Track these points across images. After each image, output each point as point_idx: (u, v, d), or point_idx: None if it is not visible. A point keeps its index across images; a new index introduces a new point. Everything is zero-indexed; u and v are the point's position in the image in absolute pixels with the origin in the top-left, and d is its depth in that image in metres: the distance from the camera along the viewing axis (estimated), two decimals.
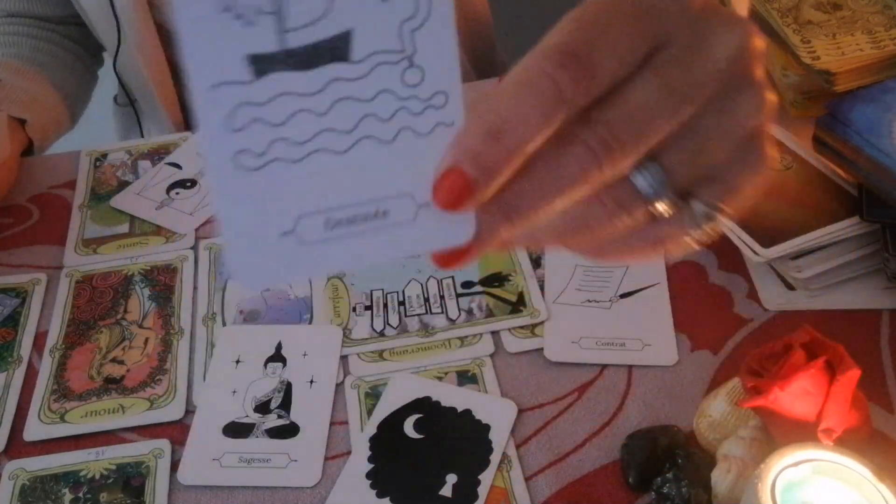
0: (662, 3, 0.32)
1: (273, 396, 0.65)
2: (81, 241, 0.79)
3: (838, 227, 0.66)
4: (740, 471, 0.53)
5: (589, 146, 0.31)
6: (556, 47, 0.30)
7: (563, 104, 0.30)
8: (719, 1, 0.36)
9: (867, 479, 0.48)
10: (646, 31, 0.32)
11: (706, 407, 0.59)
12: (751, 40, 0.33)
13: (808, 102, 0.82)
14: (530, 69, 0.30)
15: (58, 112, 0.95)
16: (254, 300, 0.72)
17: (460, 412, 0.62)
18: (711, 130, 0.33)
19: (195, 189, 0.83)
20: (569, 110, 0.30)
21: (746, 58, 0.33)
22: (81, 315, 0.72)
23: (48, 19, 0.99)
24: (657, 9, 0.32)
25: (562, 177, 0.31)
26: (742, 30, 0.33)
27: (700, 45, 0.32)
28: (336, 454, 0.61)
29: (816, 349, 0.54)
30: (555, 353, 0.66)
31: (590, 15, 0.31)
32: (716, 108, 0.33)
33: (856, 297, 0.67)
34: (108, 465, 0.62)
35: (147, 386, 0.66)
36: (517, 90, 0.30)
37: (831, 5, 0.83)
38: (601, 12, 0.31)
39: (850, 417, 0.53)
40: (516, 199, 0.31)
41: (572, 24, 0.31)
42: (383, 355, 0.67)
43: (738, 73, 0.33)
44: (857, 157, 0.67)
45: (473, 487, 0.58)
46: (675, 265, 0.71)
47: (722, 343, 0.66)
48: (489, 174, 0.29)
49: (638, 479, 0.57)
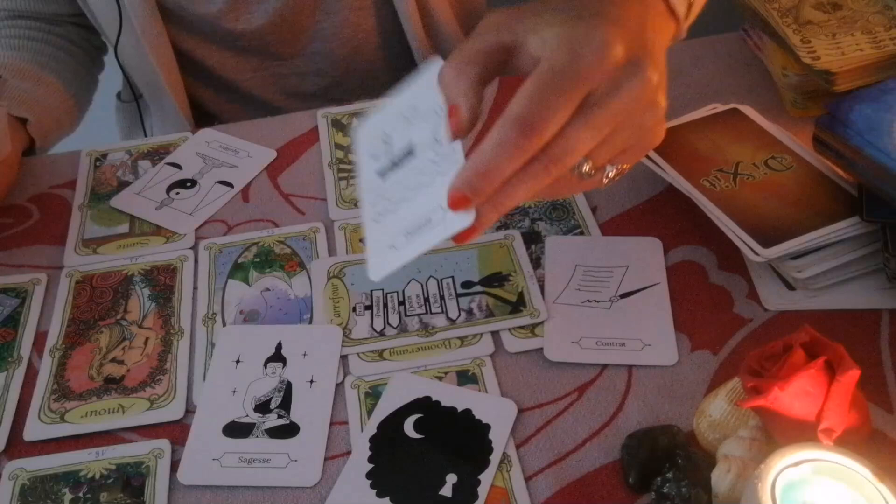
0: (592, 74, 0.49)
1: (273, 396, 0.65)
2: (81, 241, 0.79)
3: (838, 227, 0.66)
4: (740, 471, 0.53)
5: (542, 164, 0.50)
6: (517, 119, 0.49)
7: (524, 154, 0.50)
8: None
9: (867, 479, 0.48)
10: (578, 96, 0.50)
11: (706, 407, 0.59)
12: (651, 77, 0.51)
13: (808, 102, 0.82)
14: (502, 135, 0.49)
15: (59, 113, 0.95)
16: (254, 300, 0.72)
17: (460, 412, 0.62)
18: (623, 140, 0.53)
19: (195, 189, 0.83)
20: (527, 156, 0.50)
21: (649, 89, 0.51)
22: (81, 315, 0.72)
23: (49, 19, 0.99)
24: (588, 77, 0.49)
25: (525, 183, 0.51)
26: (643, 73, 0.50)
27: (615, 91, 0.50)
28: (336, 454, 0.61)
29: (816, 349, 0.54)
30: (555, 353, 0.66)
31: (539, 90, 0.49)
32: (625, 126, 0.52)
33: (856, 297, 0.67)
34: (108, 465, 0.62)
35: (147, 386, 0.66)
36: (494, 148, 0.49)
37: (831, 5, 0.83)
38: (548, 87, 0.49)
39: (850, 417, 0.53)
40: (498, 197, 0.51)
41: (526, 99, 0.49)
42: (383, 355, 0.67)
43: (642, 102, 0.51)
44: (857, 157, 0.67)
45: (473, 487, 0.58)
46: (674, 265, 0.71)
47: (722, 343, 0.66)
48: (478, 195, 0.51)
49: (638, 479, 0.57)
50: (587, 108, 0.50)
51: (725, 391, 0.58)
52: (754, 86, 0.86)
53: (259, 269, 0.74)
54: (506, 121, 0.49)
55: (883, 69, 0.77)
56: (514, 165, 0.49)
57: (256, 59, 1.01)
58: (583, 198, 0.77)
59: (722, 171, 0.72)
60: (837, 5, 0.83)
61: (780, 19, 0.82)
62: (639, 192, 0.77)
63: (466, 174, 0.50)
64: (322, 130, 0.88)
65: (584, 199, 0.77)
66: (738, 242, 0.66)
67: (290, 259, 0.75)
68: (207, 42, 0.99)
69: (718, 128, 0.76)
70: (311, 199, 0.81)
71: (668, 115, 0.74)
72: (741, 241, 0.66)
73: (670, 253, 0.72)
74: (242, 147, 0.87)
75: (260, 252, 0.76)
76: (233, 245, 0.77)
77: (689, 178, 0.71)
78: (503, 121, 0.49)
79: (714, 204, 0.69)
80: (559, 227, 0.75)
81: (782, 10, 0.83)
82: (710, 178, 0.71)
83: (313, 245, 0.76)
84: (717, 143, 0.75)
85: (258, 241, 0.77)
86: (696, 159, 0.73)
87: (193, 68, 1.02)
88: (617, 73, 0.50)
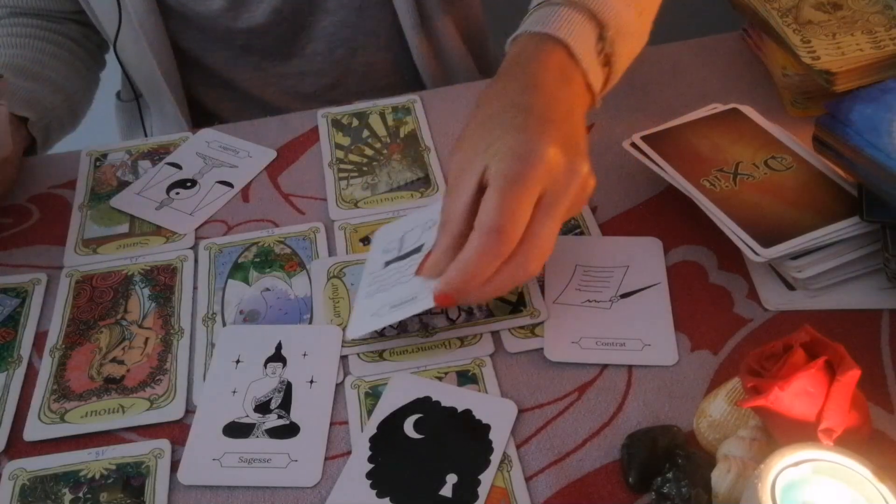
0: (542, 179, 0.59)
1: (273, 396, 0.65)
2: (81, 241, 0.79)
3: (838, 227, 0.66)
4: (740, 471, 0.53)
5: (521, 265, 0.60)
6: (490, 228, 0.58)
7: (500, 258, 0.59)
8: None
9: (867, 479, 0.48)
10: (534, 199, 0.59)
11: (706, 407, 0.59)
12: (584, 171, 0.61)
13: (808, 102, 0.82)
14: (480, 243, 0.58)
15: (60, 111, 0.95)
16: (254, 300, 0.72)
17: (460, 412, 0.62)
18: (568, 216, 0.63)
19: (195, 189, 0.83)
20: (503, 258, 0.59)
21: (586, 181, 0.61)
22: (81, 315, 0.72)
23: (50, 16, 0.99)
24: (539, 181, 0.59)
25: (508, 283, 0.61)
26: (580, 170, 0.61)
27: (563, 190, 0.60)
28: (336, 454, 0.61)
29: (816, 349, 0.54)
30: (555, 353, 0.66)
31: (503, 200, 0.57)
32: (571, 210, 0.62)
33: (856, 297, 0.67)
34: (108, 465, 0.62)
35: (147, 386, 0.66)
36: (473, 255, 0.58)
37: (831, 5, 0.83)
38: (509, 196, 0.58)
39: (850, 417, 0.53)
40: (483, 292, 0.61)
41: (494, 210, 0.58)
42: (383, 355, 0.67)
43: (584, 192, 0.62)
44: (857, 157, 0.67)
45: (473, 487, 0.58)
46: (674, 265, 0.71)
47: (722, 343, 0.66)
48: (461, 294, 0.60)
49: (638, 479, 0.57)
50: (545, 206, 0.59)
51: (725, 391, 0.58)
52: (754, 86, 0.86)
53: (259, 269, 0.74)
54: (481, 230, 0.58)
55: (883, 69, 0.77)
56: (492, 268, 0.59)
57: (256, 58, 1.01)
58: None
59: (722, 171, 0.72)
60: (837, 5, 0.83)
61: (780, 19, 0.82)
62: (639, 192, 0.77)
63: (452, 277, 0.59)
64: (322, 130, 0.88)
65: None
66: (738, 242, 0.66)
67: (290, 259, 0.75)
68: (207, 40, 0.99)
69: (718, 128, 0.77)
70: (311, 199, 0.81)
71: (669, 115, 0.80)
72: (741, 241, 0.66)
73: (670, 253, 0.72)
74: (242, 147, 0.87)
75: (260, 252, 0.76)
76: (233, 245, 0.77)
77: (689, 178, 0.71)
78: (478, 230, 0.58)
79: (714, 204, 0.69)
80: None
81: (782, 10, 0.83)
82: (710, 178, 0.71)
83: (313, 245, 0.76)
84: (717, 143, 0.75)
85: (258, 241, 0.77)
86: (696, 159, 0.73)
87: (193, 67, 1.02)
88: (560, 175, 0.60)
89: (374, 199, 0.79)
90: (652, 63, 0.90)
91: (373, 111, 0.89)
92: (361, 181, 0.81)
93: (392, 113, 0.89)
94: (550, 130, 0.60)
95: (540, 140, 0.59)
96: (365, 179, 0.81)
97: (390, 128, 0.87)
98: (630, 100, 0.86)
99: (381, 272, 0.69)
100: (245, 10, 0.95)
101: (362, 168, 0.83)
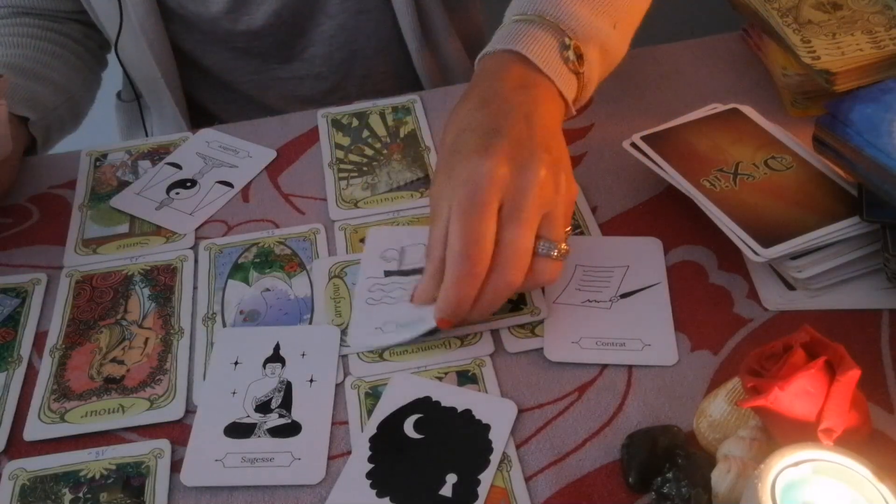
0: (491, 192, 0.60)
1: (273, 396, 0.65)
2: (81, 241, 0.79)
3: (838, 227, 0.66)
4: (740, 471, 0.53)
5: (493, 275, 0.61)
6: (456, 253, 0.61)
7: (475, 278, 0.61)
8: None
9: (867, 479, 0.48)
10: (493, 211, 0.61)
11: (706, 407, 0.59)
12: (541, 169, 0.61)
13: (808, 102, 0.82)
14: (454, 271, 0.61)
15: (61, 111, 0.95)
16: (254, 300, 0.72)
17: (460, 412, 0.62)
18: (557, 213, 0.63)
19: (195, 189, 0.83)
20: (482, 277, 0.61)
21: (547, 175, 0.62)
22: (81, 315, 0.72)
23: (51, 16, 0.99)
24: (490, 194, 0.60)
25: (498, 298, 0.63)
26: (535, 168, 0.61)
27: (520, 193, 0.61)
28: (336, 454, 0.61)
29: (816, 349, 0.54)
30: (555, 353, 0.66)
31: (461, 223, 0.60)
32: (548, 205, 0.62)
33: (856, 297, 0.67)
34: (108, 465, 0.62)
35: (147, 386, 0.66)
36: (451, 282, 0.61)
37: (831, 5, 0.83)
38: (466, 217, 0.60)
39: (850, 417, 0.53)
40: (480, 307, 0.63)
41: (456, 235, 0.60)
42: (383, 355, 0.67)
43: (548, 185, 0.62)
44: (857, 157, 0.67)
45: (473, 487, 0.58)
46: (674, 265, 0.71)
47: (722, 343, 0.66)
48: (457, 316, 0.63)
49: (638, 479, 0.57)
50: (505, 217, 0.61)
51: (725, 391, 0.58)
52: (754, 86, 0.86)
53: (259, 270, 0.74)
54: (451, 258, 0.61)
55: (883, 69, 0.77)
56: (474, 289, 0.61)
57: (255, 61, 1.01)
58: (583, 198, 0.77)
59: (722, 171, 0.72)
60: (837, 5, 0.83)
61: (780, 19, 0.82)
62: (639, 192, 0.77)
63: (441, 306, 0.63)
64: (322, 130, 0.88)
65: (584, 200, 0.77)
66: (738, 242, 0.66)
67: (291, 260, 0.75)
68: (207, 42, 0.99)
69: (718, 128, 0.77)
70: (311, 199, 0.81)
71: (669, 115, 0.79)
72: (741, 241, 0.66)
73: (670, 253, 0.72)
74: (242, 147, 0.87)
75: (260, 253, 0.76)
76: (233, 245, 0.77)
77: (689, 178, 0.71)
78: (448, 259, 0.61)
79: (714, 204, 0.69)
80: None
81: (782, 10, 0.83)
82: (710, 178, 0.71)
83: (313, 246, 0.76)
84: (717, 143, 0.75)
85: (258, 242, 0.77)
86: (696, 159, 0.73)
87: (193, 68, 1.02)
88: (509, 184, 0.61)
89: (374, 199, 0.79)
90: (652, 63, 0.90)
91: (373, 111, 0.89)
92: (361, 181, 0.81)
93: (392, 113, 0.89)
94: (495, 144, 0.62)
95: (482, 158, 0.61)
96: (365, 179, 0.81)
97: (390, 128, 0.87)
98: (630, 100, 0.86)
99: (383, 281, 0.70)
100: (245, 12, 0.95)
101: (362, 168, 0.83)
